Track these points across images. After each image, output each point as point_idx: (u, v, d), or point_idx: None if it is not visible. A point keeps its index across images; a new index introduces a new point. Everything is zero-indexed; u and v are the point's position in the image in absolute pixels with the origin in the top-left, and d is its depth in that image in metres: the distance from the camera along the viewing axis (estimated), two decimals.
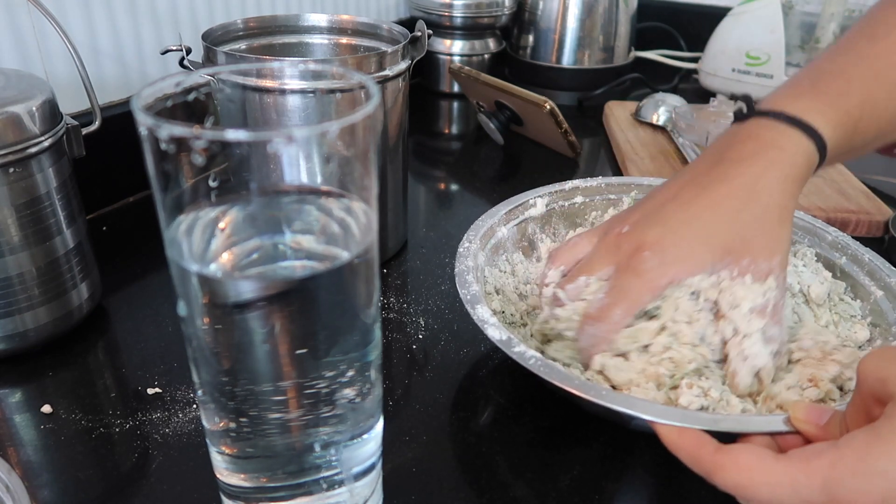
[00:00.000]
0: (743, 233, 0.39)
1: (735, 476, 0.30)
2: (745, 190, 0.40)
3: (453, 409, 0.46)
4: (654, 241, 0.40)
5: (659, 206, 0.42)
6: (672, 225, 0.41)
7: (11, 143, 0.42)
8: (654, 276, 0.39)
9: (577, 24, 1.09)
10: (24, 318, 0.46)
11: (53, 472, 0.40)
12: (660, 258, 0.40)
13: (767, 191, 0.40)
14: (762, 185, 0.40)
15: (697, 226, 0.40)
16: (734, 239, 0.39)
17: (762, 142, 0.41)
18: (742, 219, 0.40)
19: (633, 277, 0.40)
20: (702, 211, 0.40)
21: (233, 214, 0.28)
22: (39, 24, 0.60)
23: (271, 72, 0.47)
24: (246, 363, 0.28)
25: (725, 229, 0.40)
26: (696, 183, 0.42)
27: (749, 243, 0.40)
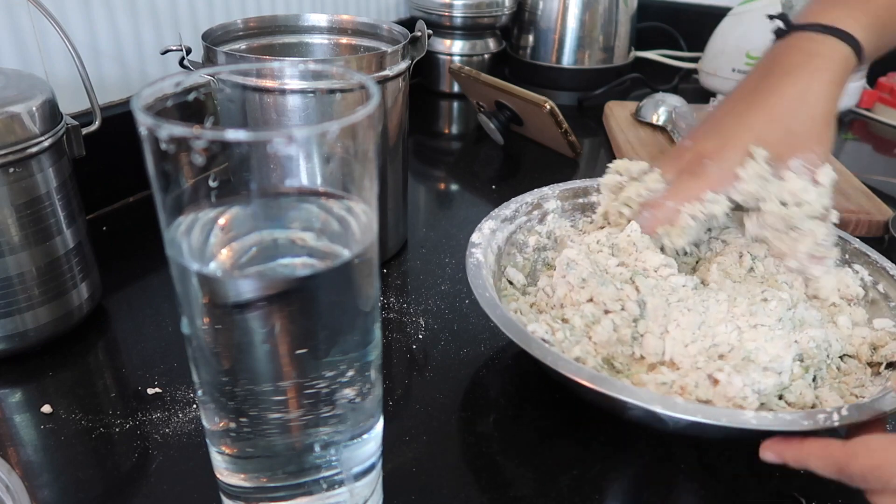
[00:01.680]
0: (790, 139, 0.45)
1: (872, 458, 0.30)
2: (796, 100, 0.45)
3: (453, 409, 0.46)
4: (714, 150, 0.46)
5: (718, 119, 0.48)
6: (730, 136, 0.46)
7: (11, 143, 0.42)
8: (713, 181, 0.45)
9: (577, 24, 1.09)
10: (24, 318, 0.46)
11: (53, 472, 0.40)
12: (718, 165, 0.45)
13: (815, 98, 0.44)
14: (810, 93, 0.44)
15: (751, 137, 0.45)
16: (785, 147, 0.45)
17: (805, 53, 0.45)
18: (791, 126, 0.45)
19: (690, 178, 0.46)
20: (757, 123, 0.45)
21: (233, 214, 0.28)
22: (39, 24, 0.60)
23: (271, 72, 0.48)
24: (246, 363, 0.28)
25: (779, 140, 0.45)
26: (749, 96, 0.47)
27: (795, 146, 0.45)
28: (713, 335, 0.41)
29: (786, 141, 0.45)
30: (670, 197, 0.47)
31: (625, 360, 0.43)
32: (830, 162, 0.46)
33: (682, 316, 0.42)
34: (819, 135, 0.45)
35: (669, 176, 0.48)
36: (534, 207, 0.55)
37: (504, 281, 0.50)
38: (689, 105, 0.88)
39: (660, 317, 0.43)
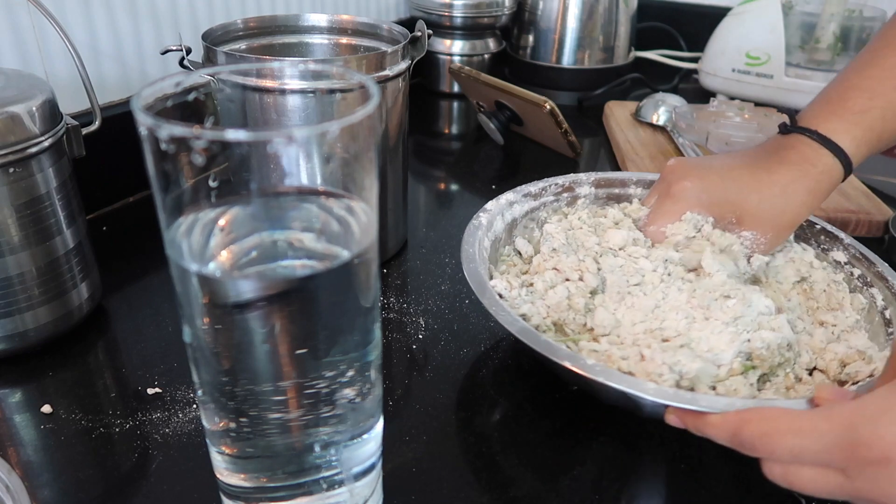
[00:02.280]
0: (760, 214, 0.49)
1: (761, 425, 0.31)
2: (779, 187, 0.49)
3: (453, 409, 0.46)
4: (698, 178, 0.51)
5: (710, 159, 0.53)
6: (714, 177, 0.51)
7: (11, 143, 0.42)
8: (689, 204, 0.50)
9: (577, 24, 1.09)
10: (24, 318, 0.46)
11: (53, 472, 0.40)
12: (696, 193, 0.50)
13: (793, 196, 0.49)
14: (790, 189, 0.49)
15: (733, 190, 0.50)
16: (752, 215, 0.49)
17: (801, 155, 0.49)
18: (766, 205, 0.49)
19: (669, 202, 0.51)
20: (743, 182, 0.50)
21: (233, 214, 0.28)
22: (39, 24, 0.60)
23: (271, 72, 0.48)
24: (246, 363, 0.28)
25: (751, 204, 0.49)
26: (748, 160, 0.51)
27: (759, 222, 0.50)
28: (663, 319, 0.43)
29: (753, 212, 0.49)
30: (652, 221, 0.52)
31: (576, 327, 0.45)
32: None
33: (637, 298, 0.45)
34: (779, 229, 0.50)
35: (652, 199, 0.54)
36: (564, 189, 0.57)
37: (508, 249, 0.53)
38: (689, 105, 0.88)
39: (614, 293, 0.46)
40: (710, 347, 0.41)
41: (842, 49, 1.01)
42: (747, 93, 1.05)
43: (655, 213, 0.52)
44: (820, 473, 0.29)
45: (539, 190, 0.56)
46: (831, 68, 1.01)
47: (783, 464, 0.31)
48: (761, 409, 0.32)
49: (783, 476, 0.31)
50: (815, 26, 1.01)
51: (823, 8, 1.00)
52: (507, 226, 0.53)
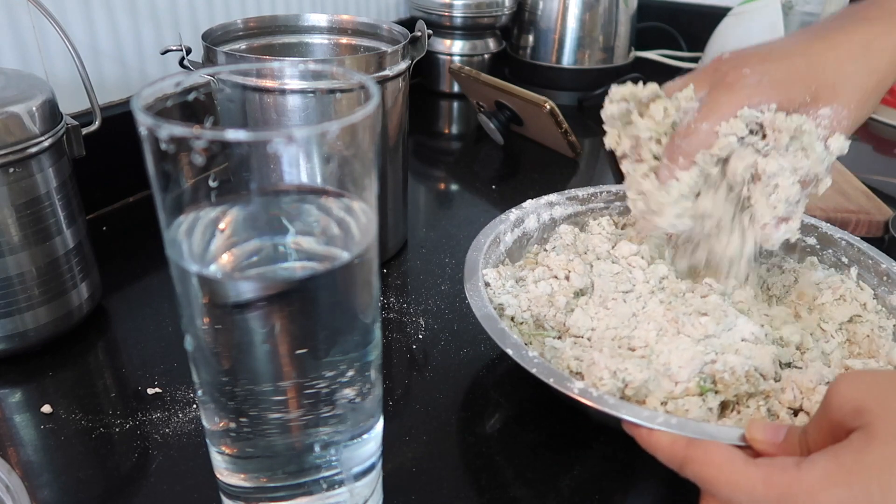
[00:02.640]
0: (837, 82, 0.40)
1: (703, 469, 0.31)
2: (859, 45, 0.40)
3: (453, 409, 0.46)
4: (757, 61, 0.41)
5: (770, 42, 0.44)
6: (777, 54, 0.41)
7: (11, 143, 0.42)
8: (749, 92, 0.40)
9: (577, 24, 1.08)
10: (24, 318, 0.46)
11: (53, 472, 0.40)
12: (758, 77, 0.41)
13: (877, 53, 0.40)
14: (875, 45, 0.40)
15: (801, 62, 0.41)
16: (830, 85, 0.40)
17: (883, 9, 0.42)
18: (843, 69, 0.40)
19: (725, 91, 0.41)
20: (811, 50, 0.41)
21: (233, 215, 0.28)
22: (39, 24, 0.60)
23: (271, 72, 0.48)
24: (246, 363, 0.28)
25: (825, 72, 0.40)
26: (815, 30, 0.43)
27: (838, 93, 0.40)
28: (634, 328, 0.43)
29: (832, 81, 0.40)
30: (704, 117, 0.41)
31: (556, 324, 0.45)
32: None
33: (617, 305, 0.45)
34: (864, 95, 0.41)
35: (701, 91, 0.43)
36: (617, 198, 0.56)
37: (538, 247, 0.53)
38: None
39: (598, 298, 0.46)
40: (667, 362, 0.40)
41: None
42: None
43: (709, 108, 0.41)
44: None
45: (588, 195, 0.56)
46: None
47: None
48: (709, 446, 0.31)
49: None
50: None
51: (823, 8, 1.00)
52: (542, 225, 0.54)
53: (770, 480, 0.28)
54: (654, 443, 0.33)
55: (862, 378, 0.29)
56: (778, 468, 0.28)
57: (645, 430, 0.34)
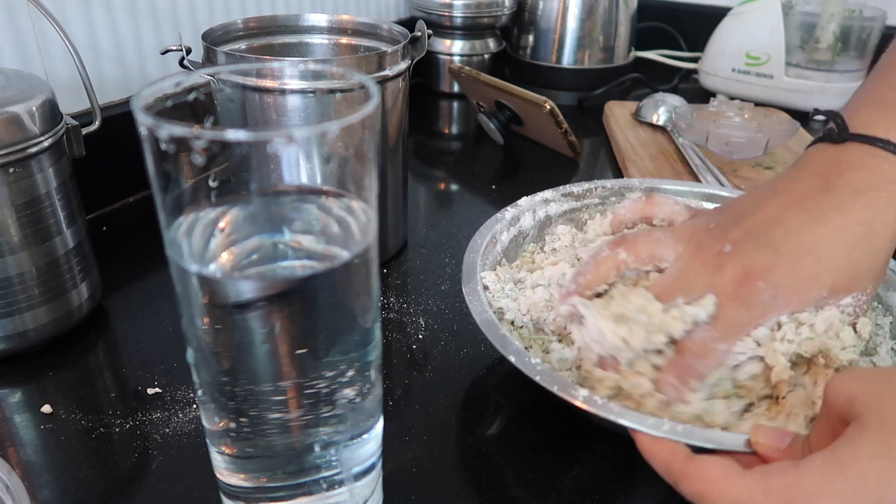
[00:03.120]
0: (853, 271, 0.38)
1: (699, 485, 0.30)
2: (864, 226, 0.38)
3: (453, 409, 0.46)
4: (766, 269, 0.37)
5: (763, 226, 0.39)
6: (783, 252, 0.38)
7: (11, 143, 0.42)
8: (766, 310, 0.37)
9: (577, 24, 1.08)
10: (24, 318, 0.46)
11: (53, 472, 0.40)
12: (772, 292, 0.37)
13: (884, 231, 0.38)
14: (879, 223, 0.38)
15: (811, 260, 0.38)
16: (844, 277, 0.38)
17: (878, 174, 0.38)
18: (855, 256, 0.38)
19: (742, 310, 0.37)
20: (816, 242, 0.38)
21: (233, 214, 0.28)
22: (39, 24, 0.60)
23: (271, 72, 0.48)
24: (246, 363, 0.28)
25: (838, 267, 0.38)
26: (805, 208, 0.39)
27: (855, 282, 0.38)
28: None
29: (845, 270, 0.38)
30: (722, 338, 0.37)
31: (555, 327, 0.45)
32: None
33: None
34: (876, 273, 0.39)
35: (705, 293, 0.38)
36: (612, 193, 0.56)
37: (534, 245, 0.53)
38: (689, 105, 0.88)
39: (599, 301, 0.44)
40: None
41: (842, 49, 1.01)
42: (747, 93, 1.05)
43: (723, 326, 0.37)
44: None
45: (583, 191, 0.55)
46: (831, 68, 1.01)
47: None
48: (705, 462, 0.30)
49: None
50: (815, 26, 1.01)
51: (823, 8, 1.00)
52: (538, 223, 0.53)
53: (769, 487, 0.28)
54: (655, 454, 0.33)
55: (856, 373, 0.30)
56: (775, 473, 0.28)
57: (647, 439, 0.33)
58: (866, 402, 0.28)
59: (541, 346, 0.45)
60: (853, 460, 0.27)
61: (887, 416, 0.27)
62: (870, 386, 0.28)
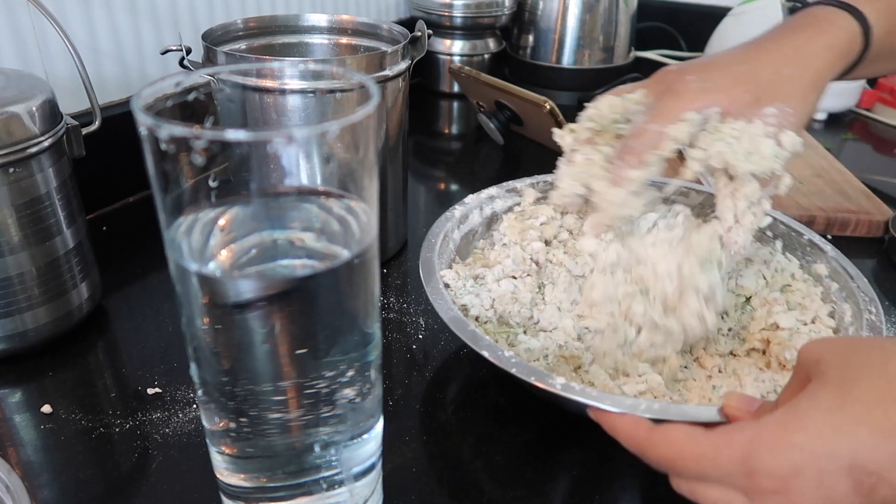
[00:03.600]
0: (776, 82, 0.44)
1: (665, 449, 0.31)
2: (792, 50, 0.45)
3: (453, 409, 0.46)
4: (699, 69, 0.45)
5: (712, 55, 0.48)
6: (719, 63, 0.45)
7: (11, 143, 0.42)
8: (693, 96, 0.43)
9: (577, 24, 1.08)
10: (24, 318, 0.46)
11: (53, 472, 0.40)
12: (701, 84, 0.44)
13: (811, 56, 0.44)
14: (807, 48, 0.44)
15: (741, 69, 0.45)
16: (769, 87, 0.44)
17: (813, 17, 0.46)
18: (780, 71, 0.44)
19: (671, 97, 0.44)
20: (747, 57, 0.45)
21: (233, 214, 0.28)
22: (39, 24, 0.60)
23: (271, 72, 0.47)
24: (246, 363, 0.28)
25: (763, 75, 0.44)
26: (749, 45, 0.47)
27: (778, 92, 0.43)
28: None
29: (770, 81, 0.44)
30: (652, 119, 0.44)
31: (521, 320, 0.46)
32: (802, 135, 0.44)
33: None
34: (803, 92, 0.44)
35: (650, 100, 0.46)
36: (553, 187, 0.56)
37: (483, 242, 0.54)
38: None
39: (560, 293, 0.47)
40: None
41: None
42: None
43: (656, 110, 0.44)
44: (723, 493, 0.29)
45: (525, 186, 0.56)
46: None
47: (689, 482, 0.31)
48: (669, 429, 0.31)
49: (689, 492, 0.31)
50: None
51: None
52: (485, 220, 0.54)
53: (731, 441, 0.29)
54: (618, 427, 0.34)
55: (829, 339, 0.32)
56: (738, 429, 0.29)
57: (609, 414, 0.34)
58: (831, 362, 0.29)
59: (506, 340, 0.45)
60: (811, 413, 0.28)
61: (847, 373, 0.28)
62: (837, 349, 0.29)
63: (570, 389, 0.35)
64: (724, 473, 0.29)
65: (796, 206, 0.69)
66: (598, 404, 0.34)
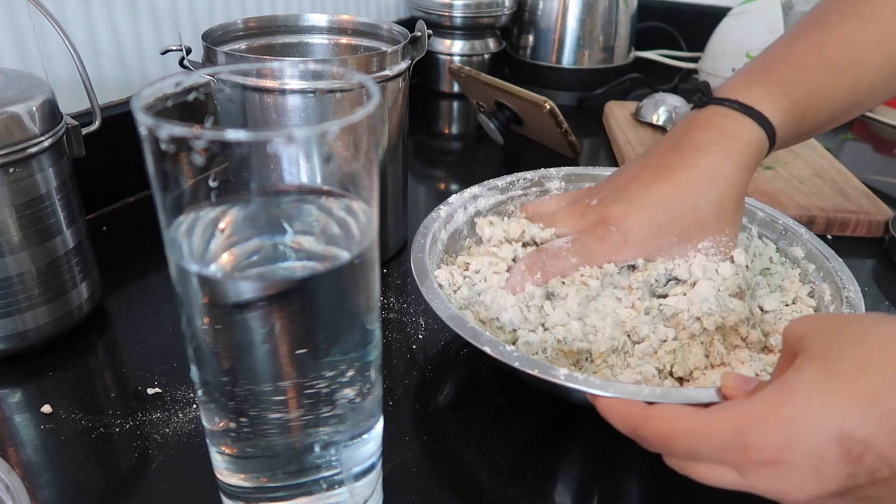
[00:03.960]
0: (701, 220, 0.44)
1: (660, 424, 0.31)
2: (704, 178, 0.44)
3: (453, 409, 0.46)
4: (618, 217, 0.45)
5: (624, 184, 0.47)
6: (634, 204, 0.45)
7: (11, 143, 0.42)
8: (616, 249, 0.45)
9: (577, 24, 1.08)
10: (24, 318, 0.46)
11: (53, 472, 0.40)
12: (622, 236, 0.45)
13: (724, 180, 0.43)
14: (719, 173, 0.43)
15: (658, 211, 0.44)
16: (692, 225, 0.44)
17: (718, 130, 0.44)
18: (700, 206, 0.44)
19: (596, 242, 0.45)
20: (663, 196, 0.44)
21: (233, 214, 0.28)
22: (39, 24, 0.60)
23: (271, 72, 0.47)
24: (246, 363, 0.28)
25: (684, 216, 0.44)
26: (657, 167, 0.46)
27: (705, 227, 0.44)
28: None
29: (693, 219, 0.44)
30: (576, 253, 0.45)
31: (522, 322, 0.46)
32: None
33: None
34: (728, 217, 0.44)
35: (569, 230, 0.48)
36: (533, 184, 0.58)
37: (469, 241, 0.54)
38: (689, 105, 0.88)
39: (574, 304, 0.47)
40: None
41: None
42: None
43: (582, 249, 0.45)
44: (716, 469, 0.30)
45: (506, 184, 0.57)
46: None
47: (682, 461, 0.32)
48: (664, 406, 0.32)
49: (681, 469, 0.32)
50: None
51: None
52: (469, 218, 0.54)
53: (725, 416, 0.29)
54: (613, 409, 0.34)
55: (811, 316, 0.33)
56: (731, 405, 0.30)
57: (603, 398, 0.35)
58: (814, 338, 0.30)
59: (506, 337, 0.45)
60: (798, 386, 0.28)
61: (830, 347, 0.29)
62: (820, 326, 0.30)
63: (573, 379, 0.36)
64: (717, 447, 0.29)
65: (796, 206, 0.69)
66: (602, 393, 0.35)
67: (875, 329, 0.28)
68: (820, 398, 0.27)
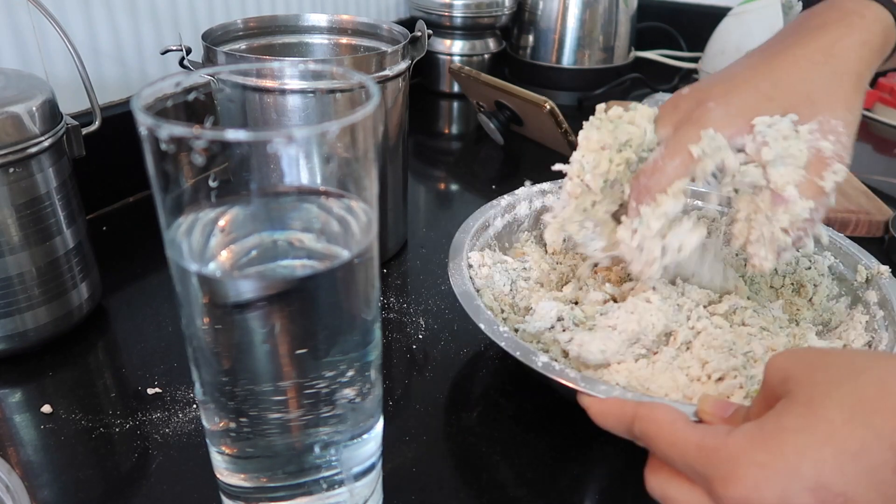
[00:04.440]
0: (812, 92, 0.39)
1: (647, 426, 0.31)
2: (821, 52, 0.39)
3: (453, 409, 0.46)
4: (720, 94, 0.40)
5: (729, 69, 0.42)
6: (738, 82, 0.40)
7: (11, 143, 0.42)
8: (719, 126, 0.39)
9: (577, 24, 1.08)
10: (24, 318, 0.46)
11: (53, 472, 0.40)
12: (724, 109, 0.39)
13: (843, 55, 0.39)
14: (838, 48, 0.39)
15: (765, 85, 0.40)
16: (801, 97, 0.39)
17: (841, 11, 0.40)
18: (813, 79, 0.39)
19: (692, 129, 0.39)
20: (772, 70, 0.40)
21: (233, 214, 0.28)
22: (39, 24, 0.60)
23: (271, 72, 0.47)
24: (246, 363, 0.28)
25: (794, 87, 0.39)
26: (770, 49, 0.41)
27: (816, 103, 0.39)
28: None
29: (804, 93, 0.39)
30: (671, 155, 0.40)
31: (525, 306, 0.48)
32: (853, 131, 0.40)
33: None
34: (845, 96, 0.39)
35: (665, 131, 0.42)
36: None
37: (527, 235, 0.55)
38: None
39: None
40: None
41: None
42: None
43: (675, 144, 0.40)
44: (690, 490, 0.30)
45: None
46: None
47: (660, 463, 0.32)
48: (656, 408, 0.32)
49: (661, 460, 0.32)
50: None
51: None
52: (534, 212, 0.55)
53: (702, 444, 0.29)
54: (605, 410, 0.34)
55: (794, 352, 0.31)
56: (711, 434, 0.29)
57: (596, 399, 0.34)
58: (799, 379, 0.28)
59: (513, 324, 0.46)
60: (776, 433, 0.27)
61: (815, 391, 0.27)
62: (805, 365, 0.29)
63: (549, 369, 0.36)
64: (687, 466, 0.29)
65: None
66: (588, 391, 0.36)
67: (867, 371, 0.27)
68: (796, 448, 0.26)
